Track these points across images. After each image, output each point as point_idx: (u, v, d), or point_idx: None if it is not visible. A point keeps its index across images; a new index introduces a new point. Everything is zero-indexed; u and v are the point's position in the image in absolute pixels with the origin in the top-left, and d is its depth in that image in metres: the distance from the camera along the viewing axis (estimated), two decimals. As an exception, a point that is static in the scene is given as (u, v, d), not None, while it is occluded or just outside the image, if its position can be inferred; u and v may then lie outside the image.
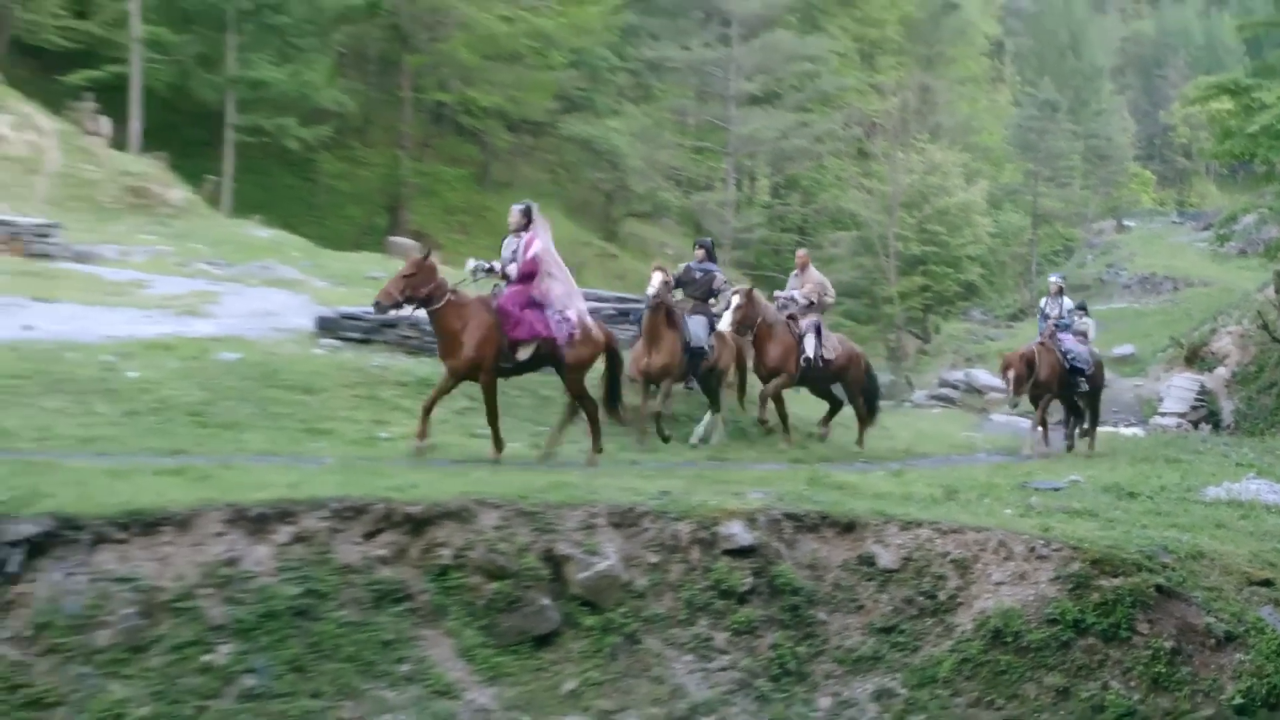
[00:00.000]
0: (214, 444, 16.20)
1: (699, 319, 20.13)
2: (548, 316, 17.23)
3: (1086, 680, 14.15)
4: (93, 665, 11.91)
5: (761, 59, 70.17)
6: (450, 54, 60.99)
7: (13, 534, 12.36)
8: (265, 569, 12.86)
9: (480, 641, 13.27)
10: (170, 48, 50.99)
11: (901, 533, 15.45)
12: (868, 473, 18.46)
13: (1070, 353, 23.20)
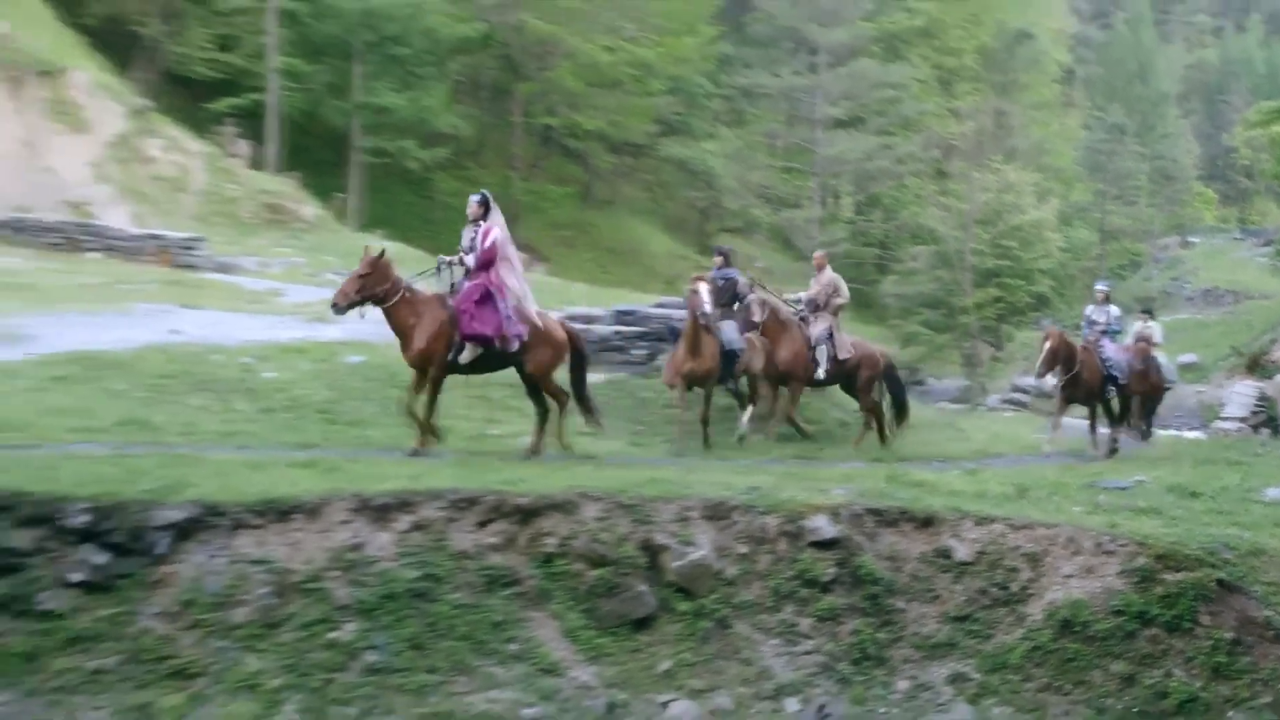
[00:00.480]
0: (341, 439, 16.34)
1: (730, 323, 19.39)
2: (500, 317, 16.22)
3: (1150, 668, 13.98)
4: (231, 639, 12.02)
5: (847, 86, 70.00)
6: (557, 82, 61.22)
7: (162, 519, 12.52)
8: (387, 554, 12.95)
9: (582, 624, 13.29)
10: (303, 77, 51.59)
11: (976, 527, 15.33)
12: (944, 472, 18.30)
13: (1109, 360, 22.45)
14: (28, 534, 12.25)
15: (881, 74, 71.93)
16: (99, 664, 11.78)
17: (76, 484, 12.74)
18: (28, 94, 39.25)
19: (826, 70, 70.24)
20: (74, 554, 12.30)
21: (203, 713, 11.57)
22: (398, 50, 53.15)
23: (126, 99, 42.41)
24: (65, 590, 12.16)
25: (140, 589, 12.31)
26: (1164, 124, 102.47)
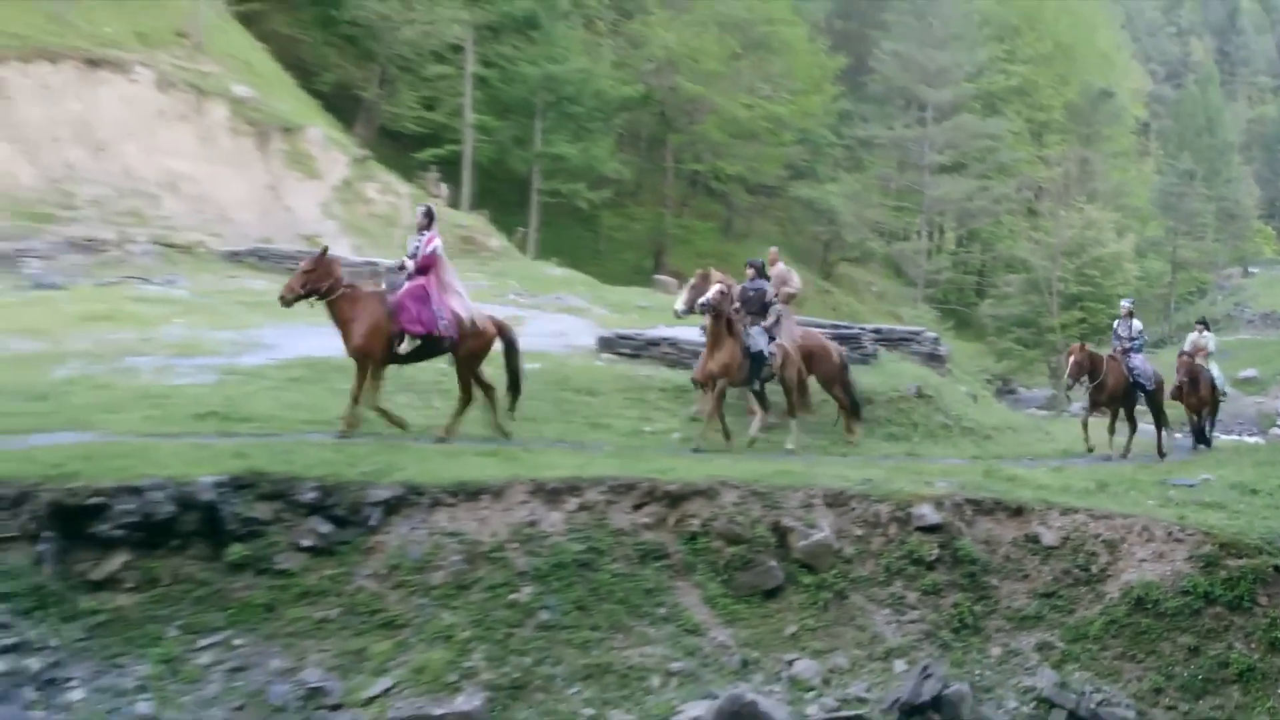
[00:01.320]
0: (520, 433, 16.48)
1: (760, 330, 18.26)
2: (435, 315, 15.39)
3: (1214, 641, 13.78)
4: (429, 598, 12.25)
5: (951, 137, 69.52)
6: (704, 133, 61.29)
7: (374, 497, 12.82)
8: (557, 530, 13.10)
9: (721, 592, 13.36)
10: (493, 131, 52.13)
11: (1061, 517, 15.19)
12: (1033, 468, 18.09)
13: (1135, 369, 21.81)
14: (268, 506, 12.60)
15: (981, 127, 71.34)
16: (323, 614, 12.08)
17: (307, 466, 13.07)
18: (272, 147, 40.13)
19: (933, 123, 69.81)
20: (304, 524, 12.63)
21: (406, 658, 11.80)
22: (572, 108, 53.55)
23: (350, 150, 43.16)
24: (297, 553, 12.49)
25: (356, 554, 12.60)
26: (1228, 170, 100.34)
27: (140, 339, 19.77)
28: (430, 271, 15.66)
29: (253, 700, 11.32)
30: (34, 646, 11.16)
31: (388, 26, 51.21)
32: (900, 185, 71.53)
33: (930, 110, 70.37)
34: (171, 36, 41.62)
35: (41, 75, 35.93)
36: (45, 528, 11.94)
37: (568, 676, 12.02)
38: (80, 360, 17.89)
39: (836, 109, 68.93)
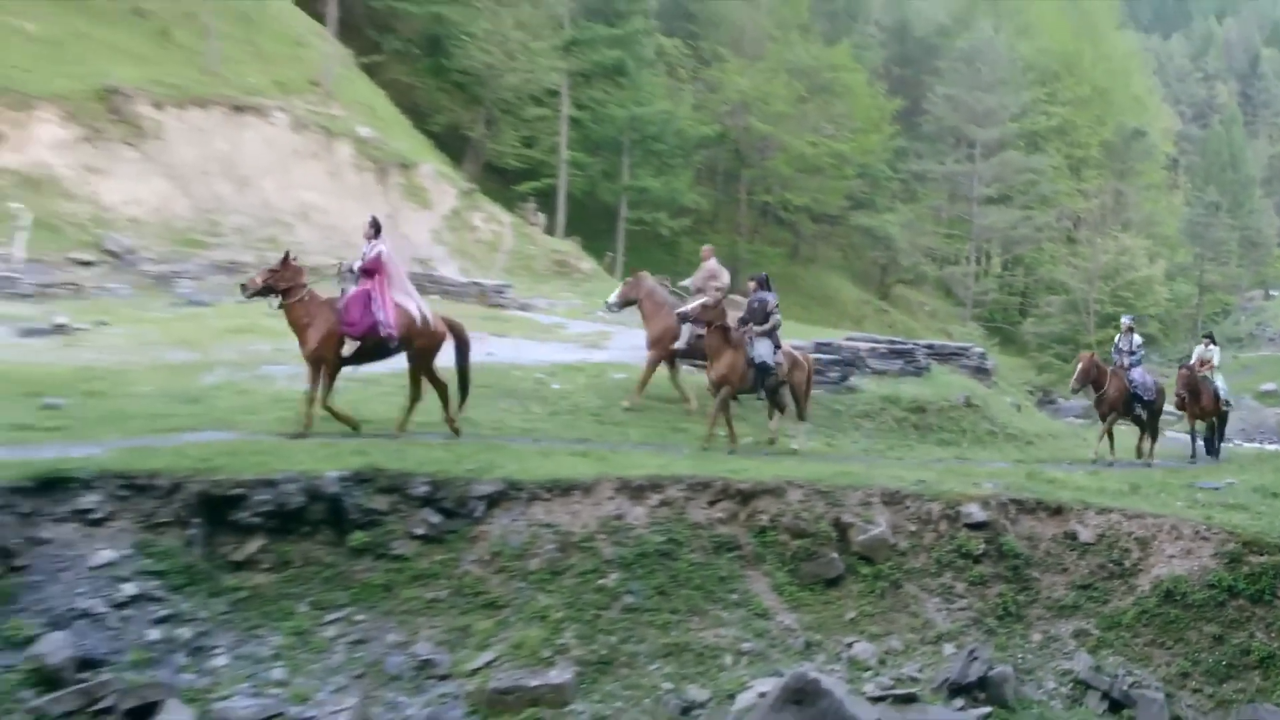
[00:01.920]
0: (608, 436, 16.53)
1: (765, 340, 17.37)
2: (375, 318, 14.71)
3: (1237, 631, 13.60)
4: (527, 581, 12.32)
5: (997, 171, 69.04)
6: (774, 168, 61.21)
7: (479, 491, 12.91)
8: (641, 523, 13.12)
9: (787, 580, 13.33)
10: (584, 166, 52.42)
11: (1097, 516, 15.04)
12: (1071, 472, 17.90)
13: (1134, 382, 20.99)
14: (384, 499, 12.73)
15: (1024, 162, 70.79)
16: (434, 595, 12.19)
17: (419, 463, 13.19)
18: (391, 181, 40.56)
19: (981, 159, 69.32)
20: (417, 514, 12.75)
21: (506, 634, 11.87)
22: (655, 146, 53.70)
23: (458, 184, 43.53)
24: (410, 540, 12.61)
25: (463, 542, 12.69)
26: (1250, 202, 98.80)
27: (275, 349, 20.03)
28: (375, 276, 15.06)
29: (372, 669, 11.45)
30: (185, 618, 11.36)
31: (492, 74, 51.66)
32: (951, 215, 71.10)
33: (978, 147, 69.90)
34: (305, 85, 42.24)
35: (194, 120, 36.60)
36: (194, 515, 12.15)
37: (649, 654, 12.03)
38: (225, 368, 18.18)
39: (893, 146, 68.60)
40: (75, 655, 10.64)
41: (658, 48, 59.76)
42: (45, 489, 11.86)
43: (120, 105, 35.17)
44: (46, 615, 10.95)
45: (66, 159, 33.27)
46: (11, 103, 33.08)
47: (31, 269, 27.88)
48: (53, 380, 16.16)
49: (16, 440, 13.08)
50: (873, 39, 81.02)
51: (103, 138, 34.30)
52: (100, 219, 32.25)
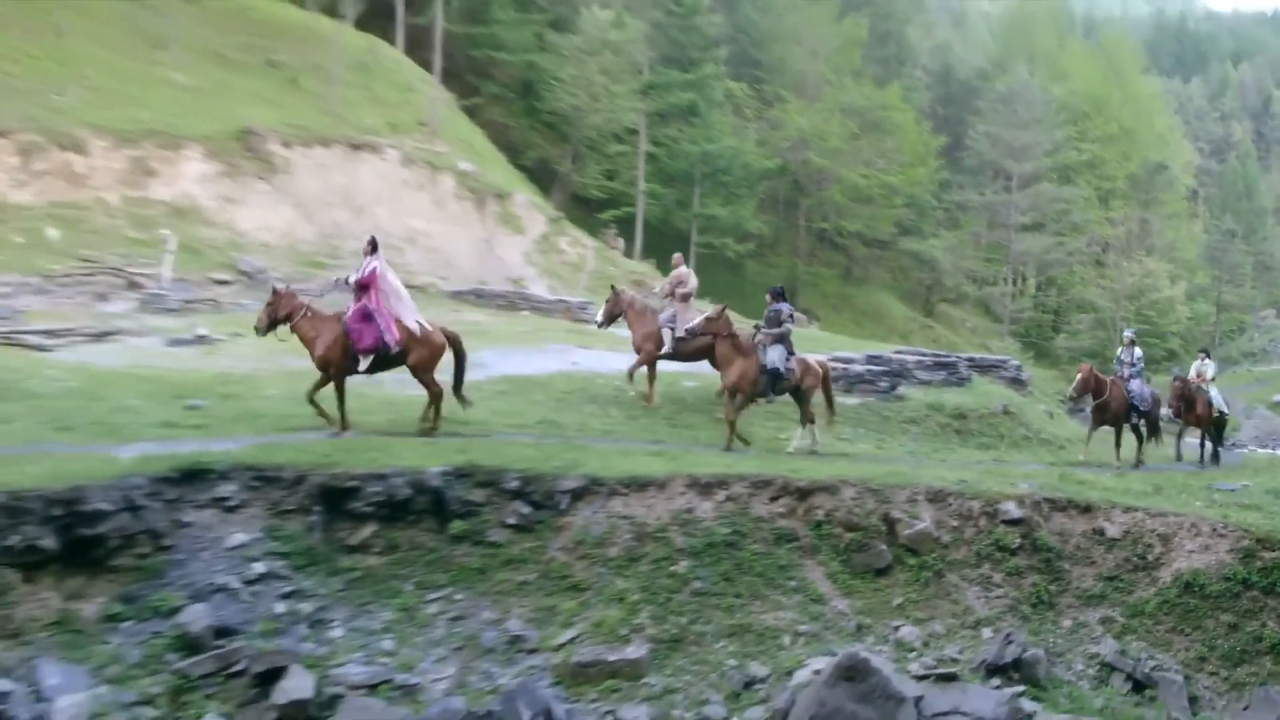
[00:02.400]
0: (679, 438, 16.52)
1: (777, 348, 16.52)
2: (378, 330, 14.39)
3: (1250, 620, 13.35)
4: (606, 567, 12.36)
5: (1032, 201, 68.33)
6: (829, 198, 61.02)
7: (564, 486, 12.97)
8: (709, 516, 13.12)
9: (841, 569, 13.27)
10: (659, 196, 52.56)
11: (1123, 514, 14.81)
12: (1099, 474, 17.60)
13: (1133, 393, 20.05)
14: (481, 491, 12.84)
15: (1057, 193, 69.98)
16: (523, 578, 12.27)
17: (511, 460, 13.28)
18: (487, 209, 40.92)
19: (1017, 190, 68.59)
20: (509, 506, 12.84)
21: (587, 614, 11.93)
22: (723, 178, 53.71)
23: (547, 212, 43.82)
24: (503, 529, 12.70)
25: (549, 531, 12.77)
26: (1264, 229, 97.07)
27: (386, 359, 20.24)
28: (370, 290, 14.61)
29: (469, 643, 11.55)
30: (306, 594, 11.54)
31: (578, 115, 52.00)
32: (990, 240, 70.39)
33: (1015, 180, 69.18)
34: (414, 125, 42.75)
35: (318, 156, 37.18)
36: (315, 503, 12.33)
37: (716, 633, 12.03)
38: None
39: (938, 178, 68.12)
40: (213, 624, 10.86)
41: (726, 91, 59.81)
42: (188, 479, 12.10)
43: (255, 144, 35.83)
44: (189, 589, 11.18)
45: (208, 191, 33.95)
46: (163, 143, 33.83)
47: (177, 287, 28.47)
48: (195, 384, 16.48)
49: (164, 436, 13.36)
50: (919, 82, 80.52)
51: (239, 172, 34.97)
52: (236, 243, 32.89)
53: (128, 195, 32.38)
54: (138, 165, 33.03)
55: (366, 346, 14.37)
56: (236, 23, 44.06)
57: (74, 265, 28.57)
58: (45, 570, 10.93)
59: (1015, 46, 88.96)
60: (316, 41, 44.21)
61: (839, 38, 66.79)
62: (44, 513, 10.95)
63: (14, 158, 30.96)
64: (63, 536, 11.01)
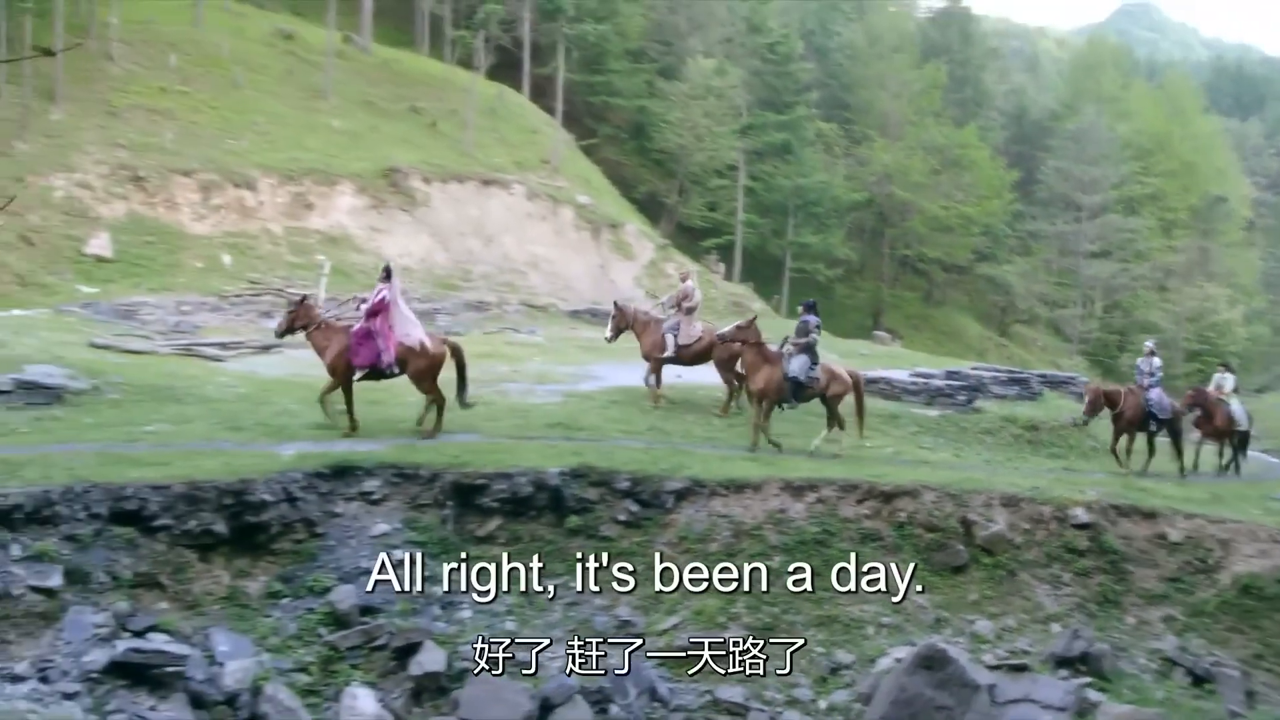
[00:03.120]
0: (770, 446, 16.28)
1: (800, 358, 15.81)
2: (379, 348, 14.07)
3: (1304, 619, 12.82)
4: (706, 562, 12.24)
5: (1100, 230, 66.58)
6: (912, 227, 60.16)
7: (669, 487, 12.96)
8: (800, 516, 12.98)
9: (921, 567, 12.98)
10: (757, 225, 52.36)
11: (1185, 520, 14.32)
12: (1162, 483, 16.99)
13: (1151, 401, 18.41)
14: (594, 490, 12.88)
15: (1123, 224, 68.14)
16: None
17: (622, 463, 13.30)
18: (602, 238, 41.14)
19: (1086, 221, 66.85)
20: (620, 504, 12.86)
21: (689, 603, 11.88)
22: (814, 209, 53.29)
23: (655, 240, 43.89)
24: (614, 525, 12.73)
25: (656, 528, 12.76)
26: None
27: (511, 370, 20.46)
28: (380, 315, 14.36)
29: (583, 626, 11.57)
30: (439, 579, 11.66)
31: (684, 153, 52.13)
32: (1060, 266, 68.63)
33: (1084, 211, 67.43)
34: (538, 162, 43.21)
35: (452, 191, 37.80)
36: (448, 498, 12.50)
37: (805, 623, 11.88)
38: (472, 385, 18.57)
39: (1012, 209, 66.69)
40: (358, 603, 11.06)
41: (817, 130, 59.36)
42: (339, 475, 12.36)
43: (399, 181, 36.55)
44: (338, 571, 11.41)
45: (358, 222, 34.72)
46: (321, 180, 34.72)
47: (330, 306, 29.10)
48: (345, 391, 16.80)
49: (319, 437, 13.67)
50: (995, 122, 78.99)
51: (385, 205, 35.70)
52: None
53: (289, 226, 33.30)
54: (298, 200, 33.95)
55: (361, 362, 14.21)
56: (385, 75, 45.05)
57: (244, 287, 29.45)
58: (217, 551, 11.26)
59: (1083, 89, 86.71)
60: (453, 90, 44.98)
61: (920, 82, 65.89)
62: (217, 501, 11.28)
63: (196, 194, 32.06)
64: (232, 522, 11.33)
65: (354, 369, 14.26)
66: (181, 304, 26.86)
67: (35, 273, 26.14)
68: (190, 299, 27.50)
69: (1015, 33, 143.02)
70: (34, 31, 33.13)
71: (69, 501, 10.37)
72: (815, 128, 59.02)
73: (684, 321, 18.39)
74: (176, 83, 36.68)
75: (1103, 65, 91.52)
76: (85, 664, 9.16)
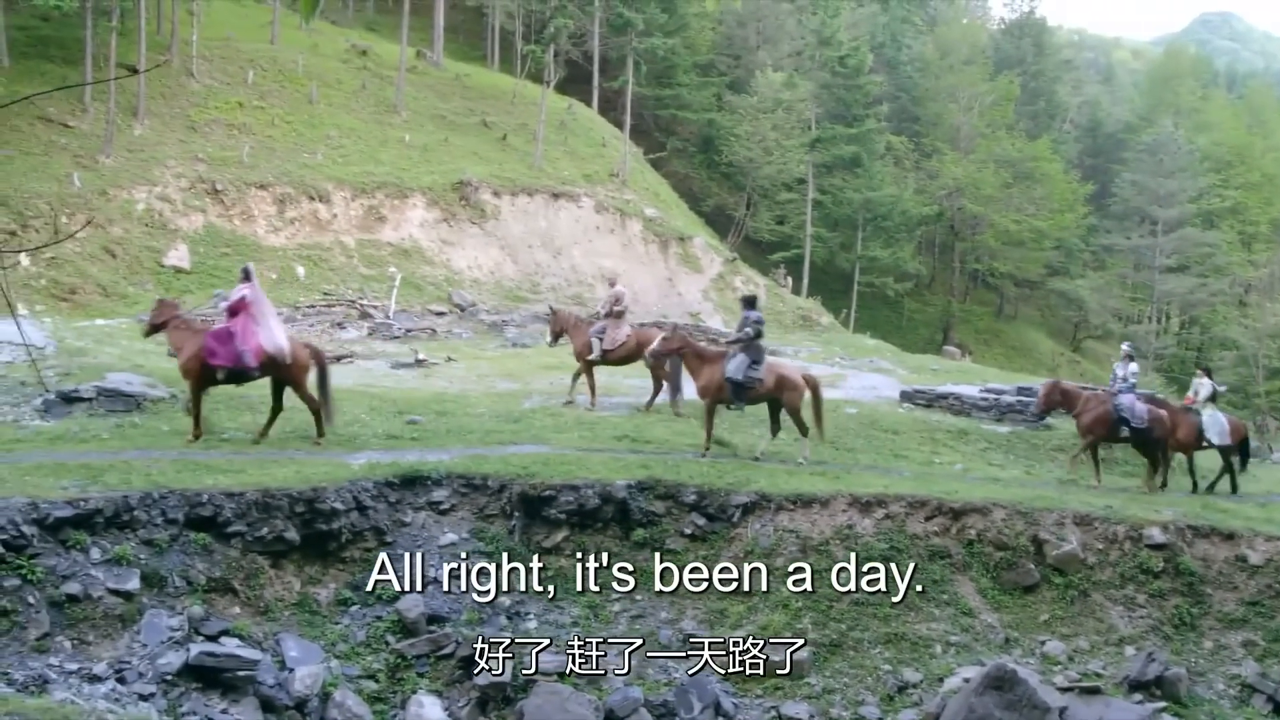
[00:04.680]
0: (841, 460, 16.13)
1: (739, 357, 15.03)
2: (235, 350, 13.32)
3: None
4: (773, 576, 12.18)
5: (1177, 245, 65.07)
6: (983, 241, 59.35)
7: (736, 500, 12.89)
8: (868, 532, 12.82)
9: (990, 585, 12.78)
10: (825, 239, 52.01)
11: (1266, 543, 13.83)
12: (1242, 503, 16.48)
13: (1120, 406, 16.78)
14: (661, 504, 12.86)
15: (1201, 237, 66.56)
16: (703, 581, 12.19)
17: (689, 476, 13.28)
18: (670, 251, 41.18)
19: (1162, 235, 65.46)
20: (686, 517, 12.83)
21: (754, 617, 11.79)
22: (884, 223, 52.88)
23: (722, 253, 43.83)
24: (680, 538, 12.70)
25: (722, 541, 12.71)
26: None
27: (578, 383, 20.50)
28: (240, 314, 13.65)
29: (648, 639, 11.55)
30: (506, 589, 11.73)
31: (752, 166, 52.05)
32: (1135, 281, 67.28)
33: (1160, 225, 66.01)
34: (606, 176, 43.41)
35: (522, 204, 38.13)
36: (515, 509, 12.57)
37: (872, 640, 11.74)
38: (540, 396, 18.73)
39: (1085, 223, 65.57)
40: (426, 612, 11.17)
41: (887, 144, 58.95)
42: (408, 484, 12.50)
43: (469, 194, 36.97)
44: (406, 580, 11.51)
45: (429, 235, 35.17)
46: (393, 193, 35.26)
47: (400, 317, 29.53)
48: (414, 402, 17.02)
49: (389, 446, 13.83)
50: (1068, 135, 77.85)
51: (455, 218, 36.13)
52: (450, 280, 33.93)
53: (362, 238, 33.83)
54: (371, 212, 34.49)
55: (220, 363, 13.50)
56: (456, 90, 45.65)
57: (317, 298, 29.96)
58: (289, 558, 11.44)
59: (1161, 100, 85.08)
60: (524, 104, 45.43)
61: (993, 94, 65.17)
62: (289, 509, 11.46)
63: (272, 207, 32.72)
64: (303, 530, 11.51)
65: (211, 370, 13.57)
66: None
67: (117, 283, 26.84)
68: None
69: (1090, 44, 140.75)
70: (119, 49, 34.12)
71: (147, 507, 10.61)
72: (885, 141, 58.62)
73: (610, 325, 18.15)
74: (254, 98, 37.53)
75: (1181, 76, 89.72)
76: (160, 666, 9.35)
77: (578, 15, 49.82)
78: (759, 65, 58.83)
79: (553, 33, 47.25)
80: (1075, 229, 63.92)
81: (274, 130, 36.45)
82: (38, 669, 8.88)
